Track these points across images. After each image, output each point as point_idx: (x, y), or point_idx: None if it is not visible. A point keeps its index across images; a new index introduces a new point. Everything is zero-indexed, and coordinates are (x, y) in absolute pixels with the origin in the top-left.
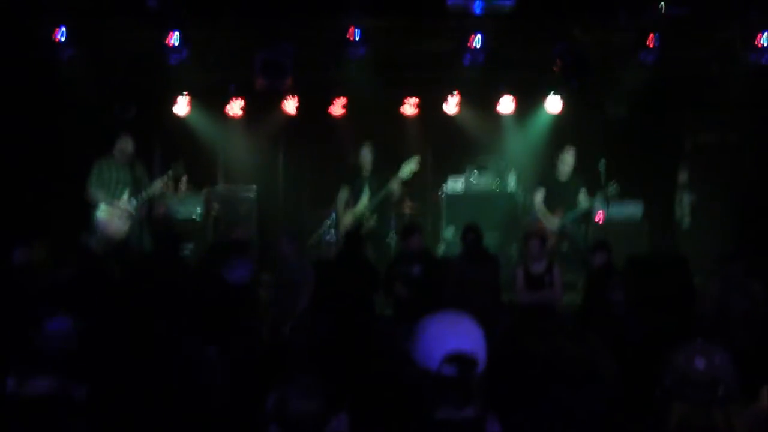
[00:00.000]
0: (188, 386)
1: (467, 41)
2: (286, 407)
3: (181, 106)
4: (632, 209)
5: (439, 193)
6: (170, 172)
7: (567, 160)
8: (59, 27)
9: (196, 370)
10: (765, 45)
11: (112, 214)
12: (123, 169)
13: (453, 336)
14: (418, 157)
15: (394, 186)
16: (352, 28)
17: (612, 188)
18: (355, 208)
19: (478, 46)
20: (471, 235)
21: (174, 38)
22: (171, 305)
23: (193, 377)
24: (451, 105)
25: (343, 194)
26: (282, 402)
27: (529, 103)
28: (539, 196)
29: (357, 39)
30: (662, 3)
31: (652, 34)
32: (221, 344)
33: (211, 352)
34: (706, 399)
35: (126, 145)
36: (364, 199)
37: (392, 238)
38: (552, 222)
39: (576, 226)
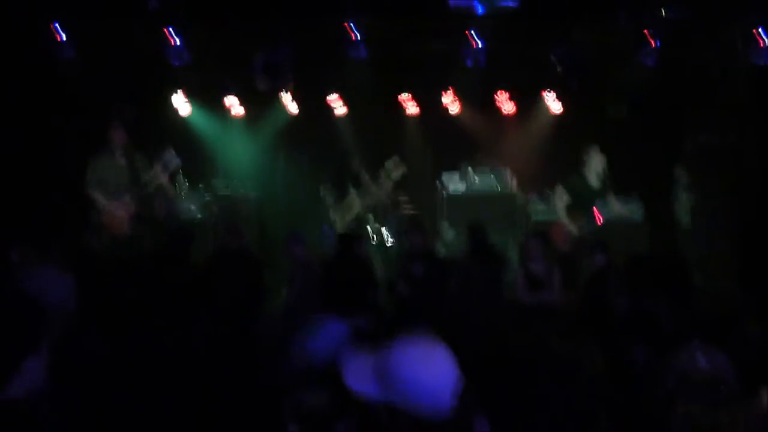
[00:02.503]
0: (194, 385)
1: (467, 41)
2: (302, 406)
3: (181, 106)
4: (632, 209)
5: (440, 192)
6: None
7: (590, 164)
8: (59, 27)
9: (202, 369)
10: (765, 45)
11: (113, 213)
12: (121, 166)
13: (452, 370)
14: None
15: (386, 186)
16: (352, 28)
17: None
18: (349, 211)
19: (479, 46)
20: (477, 234)
21: (174, 38)
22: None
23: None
24: (451, 105)
25: (329, 196)
26: (299, 402)
27: (529, 103)
28: (562, 200)
29: (357, 39)
30: (663, 9)
31: (652, 35)
32: (230, 346)
33: (216, 352)
34: (709, 399)
35: (117, 133)
36: (356, 202)
37: (389, 238)
38: (572, 227)
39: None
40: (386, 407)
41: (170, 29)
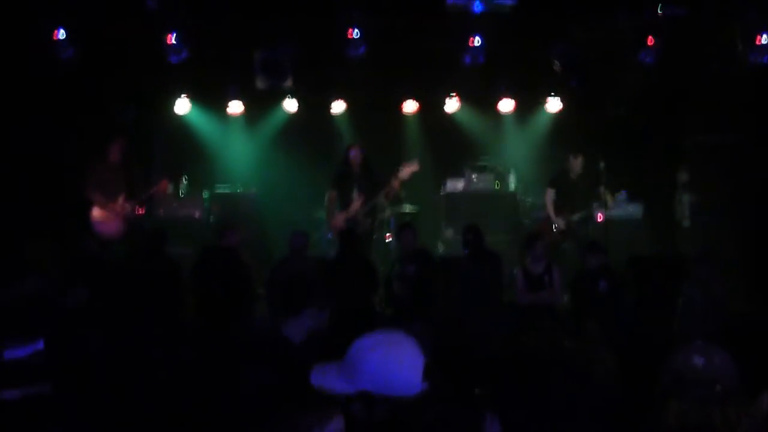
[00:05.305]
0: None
1: (467, 41)
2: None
3: (181, 106)
4: (632, 209)
5: (441, 193)
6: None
7: (574, 166)
8: (59, 27)
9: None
10: (765, 44)
11: (109, 215)
12: (118, 169)
13: (419, 353)
14: (417, 159)
15: (394, 185)
16: (352, 27)
17: (620, 195)
18: (348, 210)
19: (478, 46)
20: (471, 235)
21: (174, 38)
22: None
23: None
24: (451, 105)
25: (331, 195)
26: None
27: (529, 103)
28: (550, 196)
29: (357, 38)
30: (660, 5)
31: (651, 35)
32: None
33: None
34: (704, 397)
35: (115, 149)
36: (356, 200)
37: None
38: (559, 221)
39: (582, 225)
40: (359, 397)
41: (170, 29)
